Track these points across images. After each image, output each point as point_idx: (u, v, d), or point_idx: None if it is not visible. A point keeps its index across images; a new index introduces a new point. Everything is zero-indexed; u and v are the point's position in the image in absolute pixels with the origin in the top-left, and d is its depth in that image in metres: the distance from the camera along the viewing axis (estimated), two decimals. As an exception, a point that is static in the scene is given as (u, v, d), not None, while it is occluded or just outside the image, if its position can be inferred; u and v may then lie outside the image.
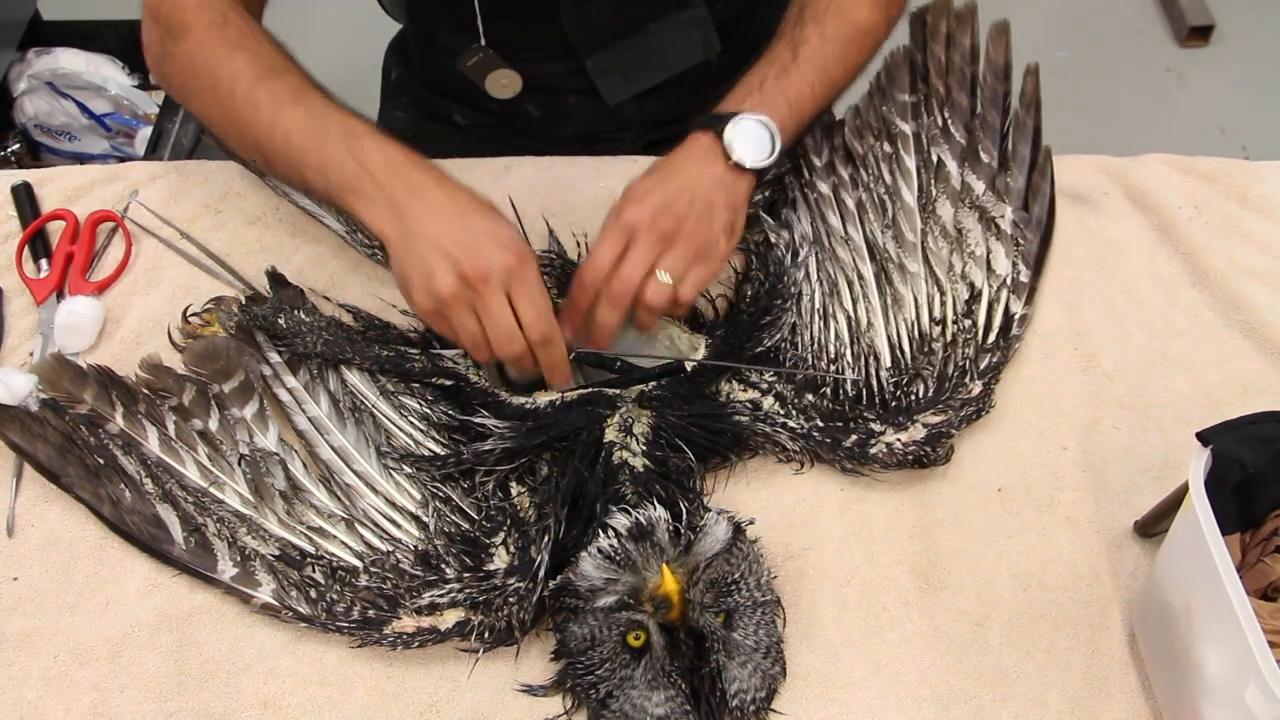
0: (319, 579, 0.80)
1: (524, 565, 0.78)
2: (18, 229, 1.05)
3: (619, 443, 0.83)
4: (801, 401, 0.88)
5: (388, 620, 0.78)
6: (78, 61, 2.01)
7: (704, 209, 0.87)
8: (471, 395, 0.88)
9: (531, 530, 0.80)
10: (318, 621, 0.78)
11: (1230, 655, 0.65)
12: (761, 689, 0.74)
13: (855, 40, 0.98)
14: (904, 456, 0.85)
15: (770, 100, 0.93)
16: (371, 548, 0.82)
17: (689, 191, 0.87)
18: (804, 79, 0.95)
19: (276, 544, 0.81)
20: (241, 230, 1.05)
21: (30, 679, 0.78)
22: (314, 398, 0.88)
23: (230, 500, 0.83)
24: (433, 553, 0.81)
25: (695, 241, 0.86)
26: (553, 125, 1.21)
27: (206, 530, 0.82)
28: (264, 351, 0.89)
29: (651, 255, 0.85)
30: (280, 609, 0.79)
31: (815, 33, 0.97)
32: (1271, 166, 1.09)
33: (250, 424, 0.87)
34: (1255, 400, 0.91)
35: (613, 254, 0.85)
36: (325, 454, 0.86)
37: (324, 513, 0.83)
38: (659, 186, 0.88)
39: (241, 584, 0.80)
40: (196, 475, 0.84)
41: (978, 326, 0.93)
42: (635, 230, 0.85)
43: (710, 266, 0.88)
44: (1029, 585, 0.82)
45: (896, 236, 0.97)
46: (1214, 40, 2.58)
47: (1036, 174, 0.99)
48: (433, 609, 0.78)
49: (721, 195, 0.89)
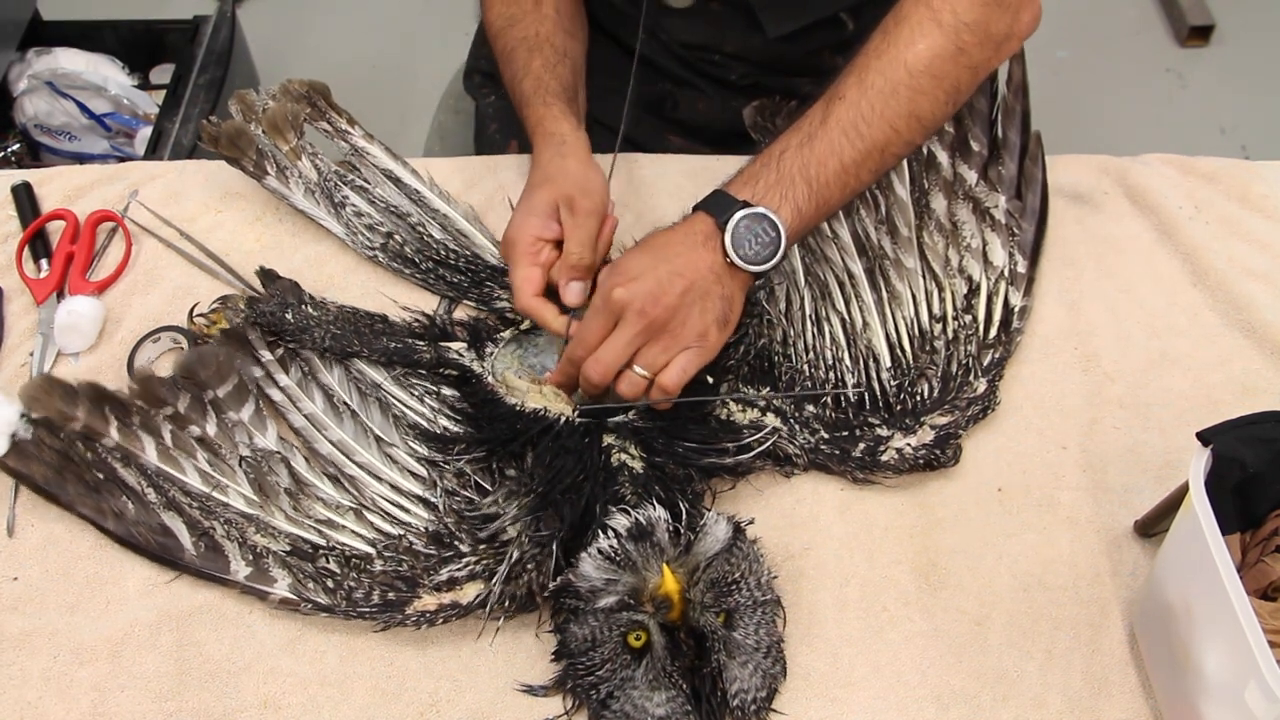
0: (334, 568, 0.80)
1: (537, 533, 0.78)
2: (18, 229, 1.05)
3: (618, 445, 0.83)
4: (803, 414, 0.87)
5: (409, 600, 0.78)
6: (78, 61, 2.01)
7: (698, 299, 0.81)
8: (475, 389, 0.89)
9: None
10: (339, 610, 0.78)
11: (1230, 655, 0.64)
12: (762, 689, 0.74)
13: (905, 85, 0.86)
14: (915, 461, 0.85)
15: (786, 179, 0.85)
16: (383, 533, 0.82)
17: (684, 279, 0.81)
18: (831, 146, 0.85)
19: (287, 540, 0.82)
20: (241, 230, 1.05)
21: (30, 679, 0.78)
22: (308, 395, 0.88)
23: (235, 502, 0.83)
24: (444, 531, 0.81)
25: (684, 334, 0.81)
26: (712, 55, 1.15)
27: (215, 533, 0.82)
28: (256, 350, 0.89)
29: (633, 345, 0.80)
30: (299, 602, 0.79)
31: (854, 85, 0.86)
32: (1271, 166, 1.09)
33: (249, 425, 0.87)
34: (1255, 400, 0.91)
35: (599, 335, 0.82)
36: (325, 449, 0.86)
37: (331, 504, 0.84)
38: (653, 269, 0.81)
39: (257, 582, 0.80)
40: (198, 481, 0.84)
41: (978, 321, 0.93)
42: (624, 313, 0.80)
43: (701, 356, 0.82)
44: (1029, 585, 0.82)
45: (891, 232, 0.97)
46: (1214, 40, 2.58)
47: (1028, 160, 0.99)
48: (452, 584, 0.78)
49: (717, 287, 0.82)
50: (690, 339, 0.81)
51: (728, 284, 0.83)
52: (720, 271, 0.83)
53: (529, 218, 0.89)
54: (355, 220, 1.02)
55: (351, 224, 1.02)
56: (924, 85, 0.86)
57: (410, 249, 1.00)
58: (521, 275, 0.88)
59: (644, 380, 0.81)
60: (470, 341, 0.93)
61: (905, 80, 0.86)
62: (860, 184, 0.89)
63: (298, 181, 1.03)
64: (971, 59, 0.88)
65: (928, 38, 0.85)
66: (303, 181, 1.03)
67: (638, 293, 0.80)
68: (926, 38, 0.85)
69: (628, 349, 0.81)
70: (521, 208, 0.91)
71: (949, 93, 0.89)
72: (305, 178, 1.03)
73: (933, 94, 0.87)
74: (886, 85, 0.86)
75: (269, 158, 1.03)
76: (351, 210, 1.02)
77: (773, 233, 0.83)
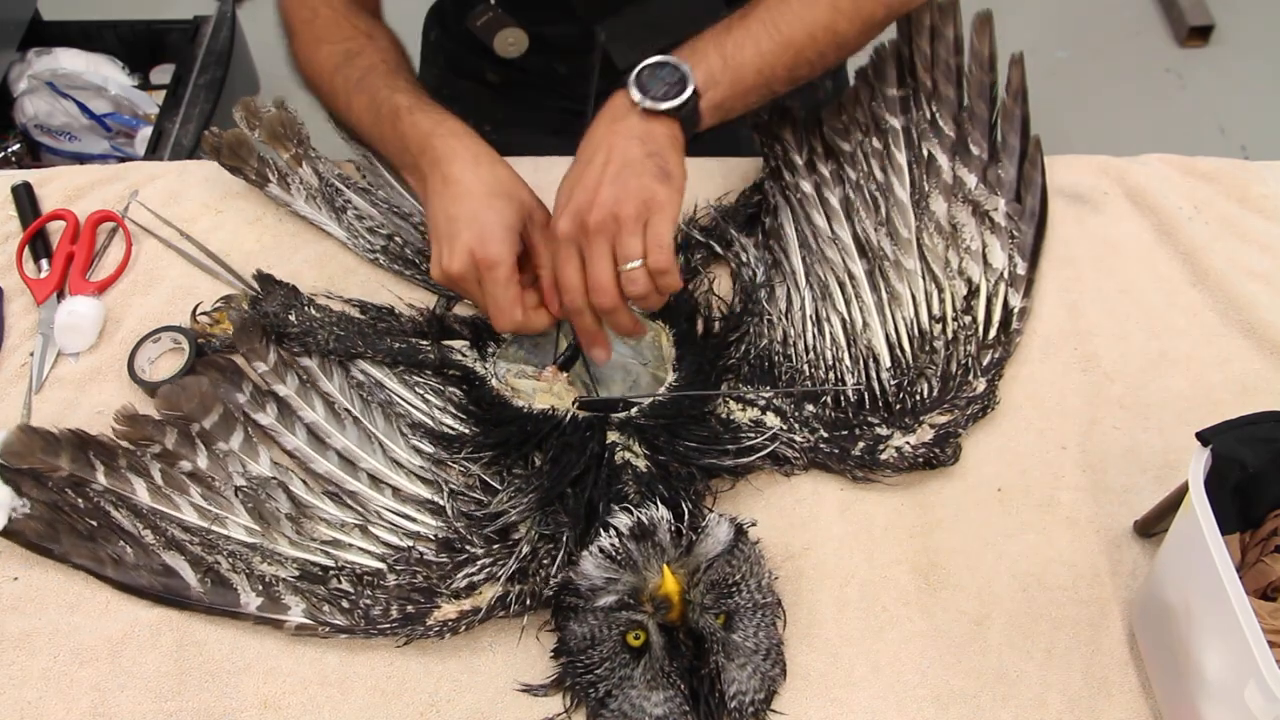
0: (347, 588, 0.79)
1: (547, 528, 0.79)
2: (18, 229, 1.05)
3: (621, 443, 0.83)
4: (803, 414, 0.88)
5: (428, 611, 0.77)
6: (78, 61, 2.02)
7: (625, 171, 0.81)
8: (480, 390, 0.89)
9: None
10: (358, 629, 0.77)
11: (1230, 655, 0.65)
12: (760, 691, 0.74)
13: (827, 2, 0.90)
14: (914, 459, 0.85)
15: (699, 52, 0.87)
16: (392, 547, 0.81)
17: (604, 166, 0.81)
18: (748, 33, 0.88)
19: (295, 565, 0.80)
20: (241, 230, 1.05)
21: (30, 679, 0.78)
22: (308, 403, 0.87)
23: (235, 533, 0.81)
24: (455, 537, 0.81)
25: (632, 209, 0.80)
26: (578, 84, 1.17)
27: (220, 567, 0.80)
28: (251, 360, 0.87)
29: (605, 254, 0.81)
30: (316, 626, 0.78)
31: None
32: (1271, 166, 1.09)
33: (240, 454, 0.85)
34: (1255, 400, 0.91)
35: (576, 270, 0.82)
36: (323, 467, 0.85)
37: (335, 523, 0.83)
38: (575, 181, 0.82)
39: (270, 612, 0.78)
40: (195, 516, 0.82)
41: (978, 322, 0.93)
42: (576, 239, 0.82)
43: (663, 219, 0.80)
44: (1029, 585, 0.82)
45: (891, 234, 0.97)
46: (1214, 40, 2.58)
47: (1027, 164, 0.99)
48: (470, 589, 0.78)
49: (637, 145, 0.82)
50: (643, 210, 0.80)
51: (651, 141, 0.83)
52: (638, 130, 0.83)
53: (509, 232, 0.84)
54: (357, 224, 1.02)
55: (353, 227, 1.02)
56: (843, 6, 0.91)
57: (410, 250, 1.00)
58: (512, 296, 0.84)
59: (639, 271, 0.80)
60: (473, 341, 0.93)
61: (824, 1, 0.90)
62: (775, 77, 0.90)
63: (299, 188, 1.03)
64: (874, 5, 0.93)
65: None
66: (304, 188, 1.03)
67: (575, 211, 0.81)
68: None
69: (606, 260, 0.81)
70: (489, 221, 0.84)
71: (865, 21, 0.93)
72: (307, 184, 1.03)
73: (851, 16, 0.92)
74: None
75: (271, 166, 1.03)
76: (353, 214, 1.02)
77: (677, 74, 0.84)
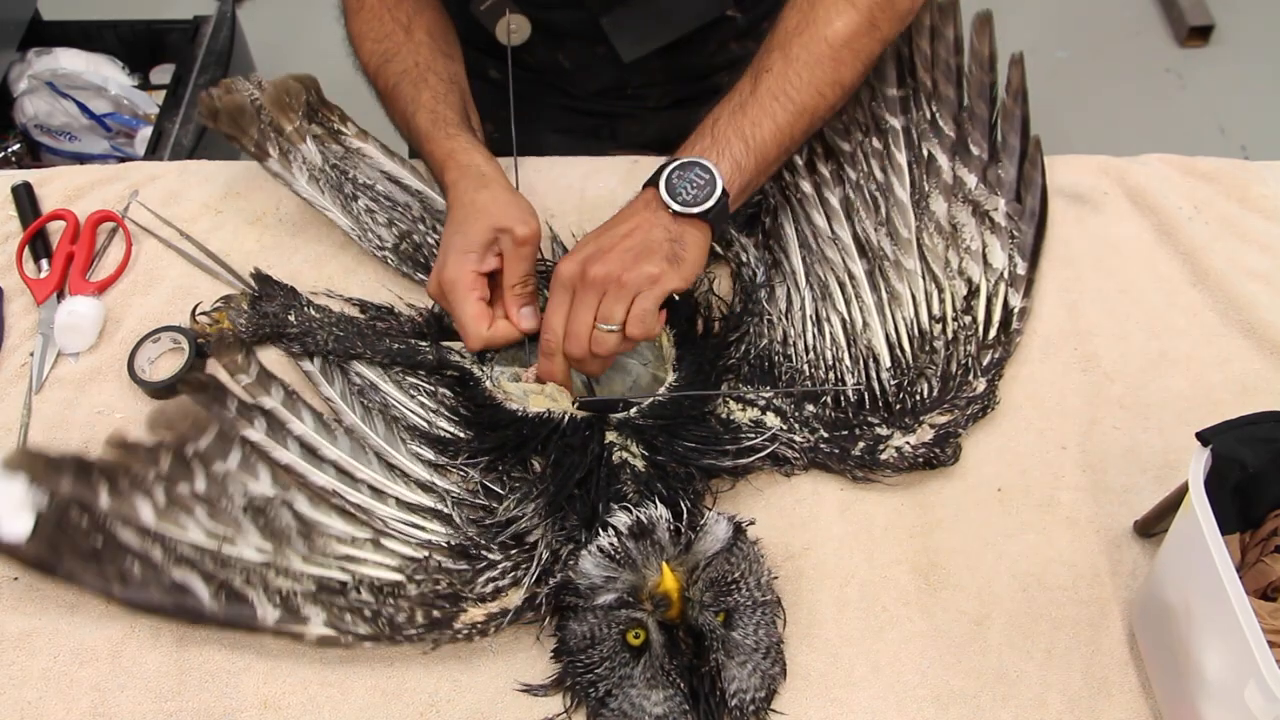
0: (368, 598, 0.78)
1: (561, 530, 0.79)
2: (18, 229, 1.05)
3: (619, 443, 0.83)
4: (803, 414, 0.88)
5: (455, 616, 0.77)
6: (78, 61, 2.02)
7: (641, 246, 0.83)
8: (476, 393, 0.88)
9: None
10: (384, 637, 0.76)
11: (1230, 655, 0.64)
12: (761, 689, 0.74)
13: (829, 58, 0.92)
14: (914, 459, 0.85)
15: (721, 140, 0.89)
16: (407, 558, 0.80)
17: (625, 236, 0.84)
18: (763, 110, 0.90)
19: (311, 580, 0.78)
20: (241, 230, 1.05)
21: (30, 679, 0.78)
22: (296, 415, 0.84)
23: (246, 553, 0.78)
24: (469, 544, 0.80)
25: (634, 280, 0.82)
26: (581, 79, 1.19)
27: (234, 583, 0.77)
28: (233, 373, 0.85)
29: (591, 307, 0.83)
30: (339, 636, 0.76)
31: (780, 58, 0.92)
32: (1271, 166, 1.09)
33: (239, 474, 0.81)
34: (1255, 400, 0.91)
35: (561, 316, 0.84)
36: (322, 480, 0.82)
37: (346, 539, 0.81)
38: (595, 238, 0.85)
39: (289, 624, 0.75)
40: (203, 537, 0.78)
41: (978, 322, 0.93)
42: (573, 286, 0.84)
43: (654, 297, 0.83)
44: (1029, 585, 0.82)
45: (891, 234, 0.97)
46: (1214, 40, 2.58)
47: (1027, 164, 0.99)
48: (496, 592, 0.78)
49: (661, 232, 0.84)
50: (642, 283, 0.82)
51: (674, 228, 0.85)
52: (665, 221, 0.85)
53: (466, 255, 0.87)
54: (367, 216, 1.00)
55: (362, 220, 1.00)
56: (845, 57, 0.93)
57: (425, 253, 0.99)
58: (471, 313, 0.86)
59: (611, 334, 0.83)
60: None
61: (828, 54, 0.92)
62: (794, 143, 0.93)
63: (300, 166, 1.00)
64: (883, 33, 0.95)
65: (844, 16, 0.92)
66: (306, 166, 1.00)
67: (579, 260, 0.83)
68: (843, 16, 0.92)
69: (589, 313, 0.83)
70: (455, 245, 0.88)
71: (866, 63, 0.95)
72: (309, 162, 1.01)
73: (853, 65, 0.94)
74: (810, 58, 0.92)
75: (271, 139, 1.00)
76: (364, 205, 1.00)
77: (706, 175, 0.86)
